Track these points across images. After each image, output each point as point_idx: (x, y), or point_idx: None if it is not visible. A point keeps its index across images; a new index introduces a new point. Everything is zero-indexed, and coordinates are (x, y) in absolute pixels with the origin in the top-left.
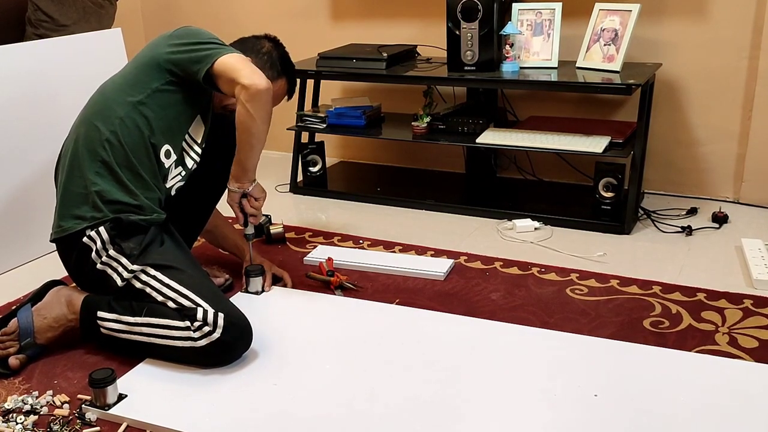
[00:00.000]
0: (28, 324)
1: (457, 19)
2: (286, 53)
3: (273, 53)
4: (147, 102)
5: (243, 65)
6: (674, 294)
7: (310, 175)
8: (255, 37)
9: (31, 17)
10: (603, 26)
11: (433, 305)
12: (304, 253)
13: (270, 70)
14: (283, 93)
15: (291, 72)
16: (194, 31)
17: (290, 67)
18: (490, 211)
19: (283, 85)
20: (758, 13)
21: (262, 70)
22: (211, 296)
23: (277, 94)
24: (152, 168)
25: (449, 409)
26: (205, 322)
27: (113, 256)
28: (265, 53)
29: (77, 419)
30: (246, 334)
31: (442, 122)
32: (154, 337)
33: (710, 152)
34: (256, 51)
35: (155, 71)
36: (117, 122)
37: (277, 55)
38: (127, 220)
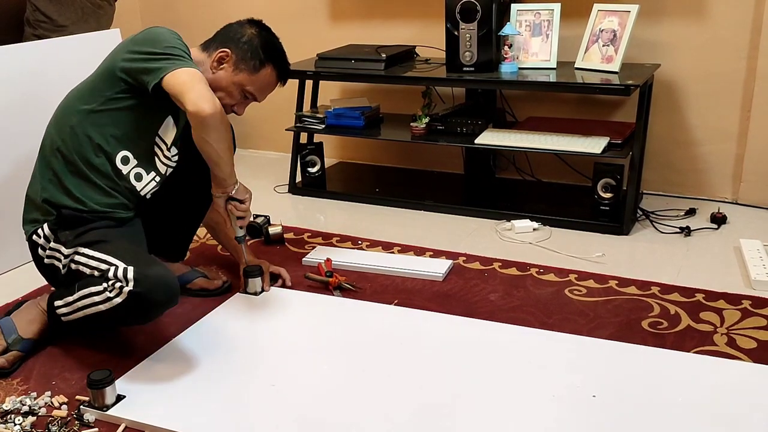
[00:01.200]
0: (8, 323)
1: (455, 20)
2: (271, 38)
3: (254, 40)
4: (101, 110)
5: (190, 86)
6: (673, 295)
7: (309, 176)
8: (239, 23)
9: (30, 18)
10: (602, 27)
11: (431, 306)
12: (302, 253)
13: (251, 59)
14: (270, 81)
15: (278, 57)
16: (154, 37)
17: (276, 51)
18: (489, 211)
19: (269, 73)
20: (757, 14)
21: (243, 61)
22: (128, 256)
23: (264, 83)
24: (107, 175)
25: (448, 410)
26: (117, 278)
27: (54, 247)
28: (245, 42)
29: (75, 420)
30: (160, 285)
31: (441, 123)
32: (88, 308)
33: (709, 153)
34: (236, 40)
35: (110, 79)
36: (68, 131)
37: (260, 42)
38: (67, 213)
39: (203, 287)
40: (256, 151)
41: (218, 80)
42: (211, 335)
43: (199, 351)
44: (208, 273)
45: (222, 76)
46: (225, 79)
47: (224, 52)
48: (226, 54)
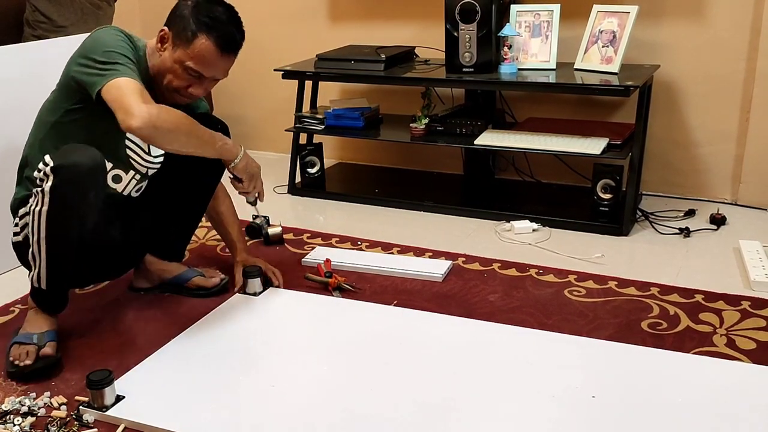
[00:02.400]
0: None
1: (455, 21)
2: (208, 6)
3: (186, 11)
4: (63, 121)
5: (119, 103)
6: (672, 295)
7: (309, 177)
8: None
9: (29, 18)
10: (601, 28)
11: (431, 306)
12: (302, 254)
13: (184, 31)
14: (208, 51)
15: (213, 24)
16: (95, 43)
17: (210, 18)
18: (488, 212)
19: (203, 42)
20: (756, 16)
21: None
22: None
23: (202, 55)
24: None
25: (447, 411)
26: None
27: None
28: (179, 15)
29: (75, 421)
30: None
31: (441, 124)
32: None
33: (708, 154)
34: (173, 17)
35: (67, 89)
36: (37, 144)
37: (191, 12)
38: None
39: (200, 285)
40: (255, 152)
41: (163, 62)
42: (211, 336)
43: (198, 351)
44: (205, 272)
45: (165, 57)
46: (168, 60)
47: (163, 31)
48: (164, 33)
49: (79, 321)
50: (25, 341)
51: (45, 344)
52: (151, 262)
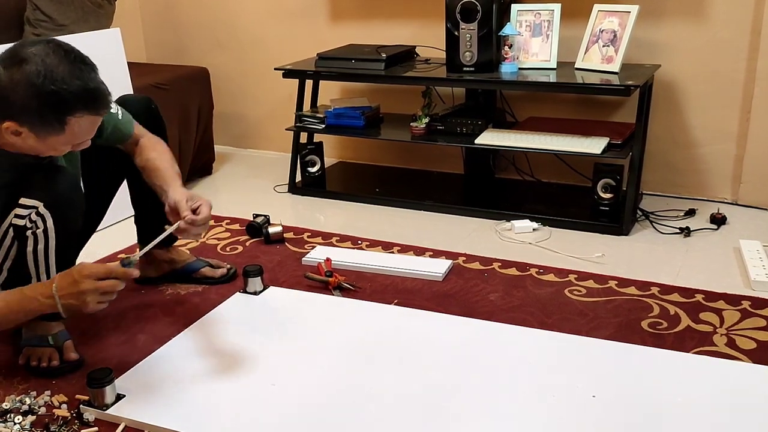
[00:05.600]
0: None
1: (456, 20)
2: (48, 90)
3: (31, 104)
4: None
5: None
6: (672, 295)
7: (309, 176)
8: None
9: (30, 17)
10: (602, 27)
11: (431, 306)
12: (302, 253)
13: (47, 125)
14: (88, 123)
15: (74, 104)
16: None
17: (66, 103)
18: (489, 211)
19: (78, 120)
20: (756, 15)
21: (42, 130)
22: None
23: (82, 131)
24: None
25: (447, 410)
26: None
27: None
28: (20, 109)
29: (75, 419)
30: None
31: (441, 123)
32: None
33: (708, 153)
34: (13, 109)
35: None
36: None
37: (38, 102)
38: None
39: (207, 276)
40: (255, 151)
41: (32, 147)
42: (211, 335)
43: (198, 350)
44: (212, 261)
45: (32, 144)
46: (38, 146)
47: (11, 126)
48: (16, 129)
49: (80, 320)
50: (40, 344)
51: (62, 344)
52: (158, 253)
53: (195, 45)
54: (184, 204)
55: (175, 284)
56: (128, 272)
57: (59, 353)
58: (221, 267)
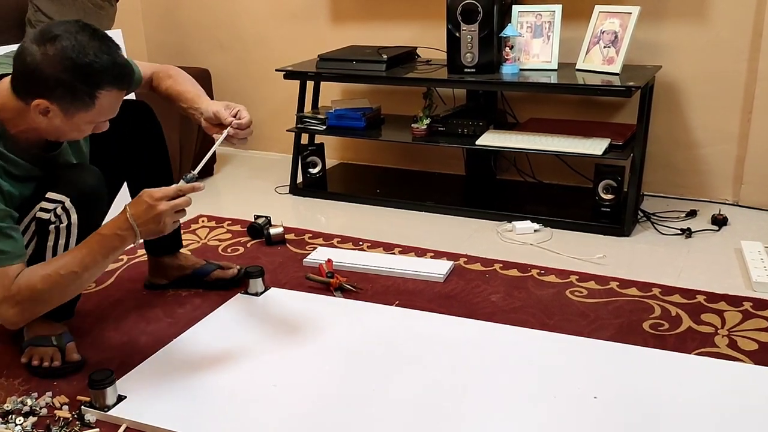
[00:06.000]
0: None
1: (457, 21)
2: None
3: (63, 77)
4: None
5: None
6: (674, 296)
7: (310, 177)
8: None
9: (31, 18)
10: (603, 28)
11: (432, 307)
12: (303, 254)
13: (77, 99)
14: (114, 99)
15: (105, 77)
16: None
17: (97, 74)
18: (490, 212)
19: (107, 95)
20: (758, 16)
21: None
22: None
23: (109, 106)
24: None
25: (449, 411)
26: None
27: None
28: (54, 85)
29: (76, 421)
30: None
31: (442, 124)
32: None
33: (710, 154)
34: (44, 87)
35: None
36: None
37: (73, 78)
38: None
39: (219, 278)
40: (257, 152)
41: (57, 127)
42: (212, 336)
43: (200, 351)
44: (222, 263)
45: (58, 124)
46: (64, 125)
47: (41, 104)
48: (46, 107)
49: (81, 321)
50: (43, 344)
51: (65, 346)
52: (166, 261)
53: (196, 46)
54: (224, 112)
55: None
56: (195, 186)
57: (61, 354)
58: (231, 268)
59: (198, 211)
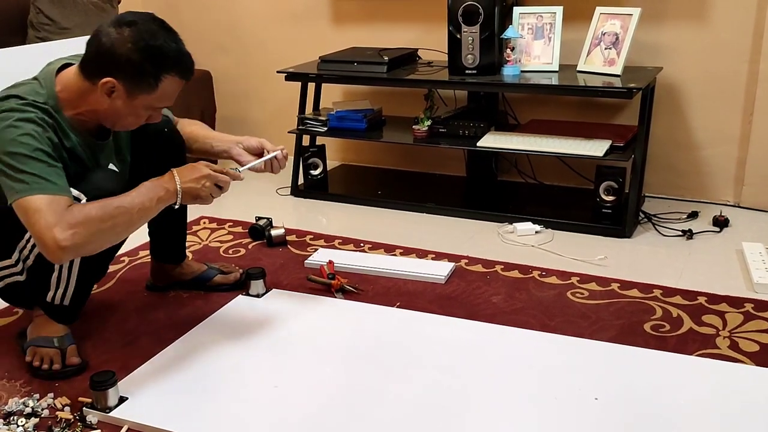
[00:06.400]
0: (39, 339)
1: (458, 23)
2: (153, 45)
3: (134, 56)
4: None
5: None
6: (675, 298)
7: (311, 178)
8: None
9: (33, 20)
10: (604, 30)
11: (433, 308)
12: (305, 256)
13: (143, 80)
14: (174, 87)
15: (171, 61)
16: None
17: (165, 58)
18: (491, 214)
19: (170, 82)
20: (759, 18)
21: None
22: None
23: (169, 93)
24: None
25: (450, 412)
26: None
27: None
28: (125, 62)
29: (78, 422)
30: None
31: (443, 126)
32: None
33: (711, 156)
34: (115, 64)
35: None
36: None
37: (143, 57)
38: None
39: (221, 282)
40: None
41: (117, 109)
42: (214, 337)
43: (201, 353)
44: (223, 268)
45: (119, 105)
46: (124, 107)
47: (109, 82)
48: (113, 85)
49: (83, 322)
50: (45, 344)
51: (67, 348)
52: (167, 267)
53: (197, 48)
54: (268, 143)
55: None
56: (237, 175)
57: (62, 356)
58: (233, 272)
59: (199, 212)
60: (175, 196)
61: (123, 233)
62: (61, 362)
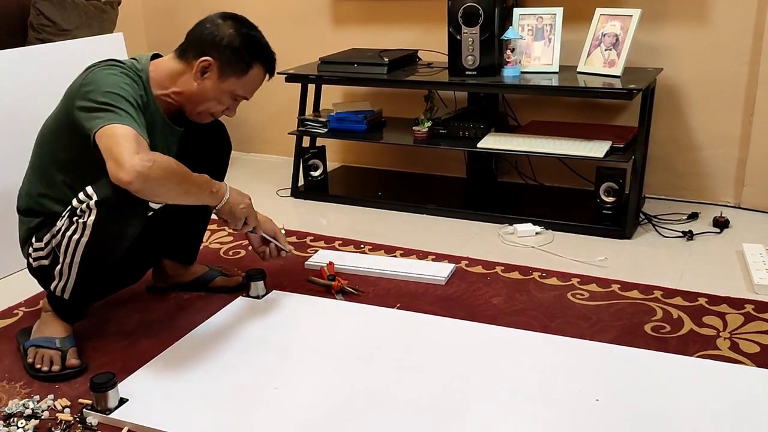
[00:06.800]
0: (41, 339)
1: (458, 24)
2: (252, 33)
3: (235, 40)
4: (75, 159)
5: (108, 153)
6: (675, 299)
7: (312, 180)
8: (212, 21)
9: (34, 22)
10: (604, 31)
11: (434, 310)
12: (305, 257)
13: (237, 63)
14: (259, 79)
15: (263, 53)
16: (96, 81)
17: (259, 47)
18: (491, 215)
19: (257, 72)
20: (759, 19)
21: (228, 67)
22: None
23: (253, 83)
24: None
25: (450, 414)
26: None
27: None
28: (226, 44)
29: (78, 423)
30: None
31: (443, 127)
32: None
33: (711, 157)
34: (215, 44)
35: (73, 127)
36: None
37: (241, 41)
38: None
39: (223, 285)
40: (258, 155)
41: (205, 91)
42: (214, 339)
43: (201, 354)
44: (226, 270)
45: (208, 86)
46: (212, 89)
47: (206, 60)
48: (208, 63)
49: (83, 323)
50: (46, 345)
51: (68, 350)
52: (170, 266)
53: None
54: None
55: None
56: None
57: (62, 358)
58: (235, 275)
59: None
60: (219, 201)
61: (176, 195)
62: (61, 364)
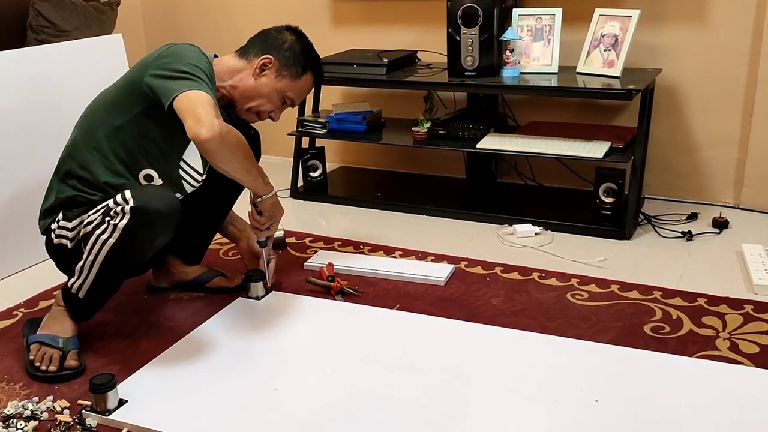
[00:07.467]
0: (46, 336)
1: (457, 25)
2: (309, 44)
3: (296, 47)
4: (127, 126)
5: (191, 111)
6: (675, 299)
7: (311, 181)
8: (276, 30)
9: (33, 23)
10: (603, 32)
11: (433, 310)
12: (304, 258)
13: (293, 66)
14: (309, 86)
15: (316, 63)
16: (177, 53)
17: (314, 57)
18: (491, 216)
19: (309, 78)
20: (758, 19)
21: (285, 68)
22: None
23: (303, 88)
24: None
25: (450, 415)
26: (117, 204)
27: (62, 225)
28: (287, 48)
29: (78, 425)
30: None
31: (443, 127)
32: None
33: (710, 157)
34: (277, 47)
35: (137, 94)
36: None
37: (300, 48)
38: (80, 199)
39: (222, 285)
40: None
41: (260, 87)
42: (213, 340)
43: (201, 355)
44: (225, 271)
45: (264, 83)
46: (267, 86)
47: (267, 59)
48: (269, 61)
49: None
50: (49, 343)
51: (69, 351)
52: (172, 264)
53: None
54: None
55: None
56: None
57: (62, 359)
58: (236, 278)
59: None
60: (269, 192)
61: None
62: (59, 364)
